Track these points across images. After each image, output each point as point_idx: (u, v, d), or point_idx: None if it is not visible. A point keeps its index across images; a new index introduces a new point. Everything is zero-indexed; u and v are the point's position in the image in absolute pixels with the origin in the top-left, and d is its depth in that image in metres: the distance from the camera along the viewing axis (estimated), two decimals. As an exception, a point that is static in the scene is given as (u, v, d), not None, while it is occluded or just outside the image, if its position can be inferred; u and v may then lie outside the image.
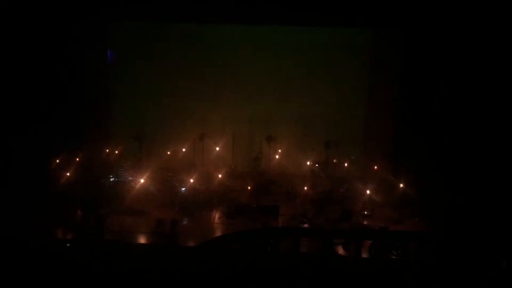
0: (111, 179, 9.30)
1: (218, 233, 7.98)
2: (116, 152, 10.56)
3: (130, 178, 9.33)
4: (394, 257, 6.91)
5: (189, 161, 10.74)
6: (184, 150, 10.97)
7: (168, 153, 10.91)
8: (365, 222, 8.42)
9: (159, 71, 11.46)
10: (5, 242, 6.91)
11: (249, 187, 9.33)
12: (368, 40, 11.11)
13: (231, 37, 11.41)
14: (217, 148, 11.07)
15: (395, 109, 10.44)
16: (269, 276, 6.28)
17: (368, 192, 8.99)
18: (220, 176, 9.70)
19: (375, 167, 10.15)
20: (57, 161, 9.55)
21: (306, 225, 8.28)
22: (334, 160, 10.58)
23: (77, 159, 9.83)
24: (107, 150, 10.61)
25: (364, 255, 7.04)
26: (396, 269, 6.58)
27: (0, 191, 8.52)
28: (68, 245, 7.12)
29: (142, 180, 8.96)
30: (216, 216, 8.62)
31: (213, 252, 6.56)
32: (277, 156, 10.96)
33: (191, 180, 9.10)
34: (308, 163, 10.49)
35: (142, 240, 7.45)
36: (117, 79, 11.65)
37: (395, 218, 8.58)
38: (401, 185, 8.97)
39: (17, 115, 9.50)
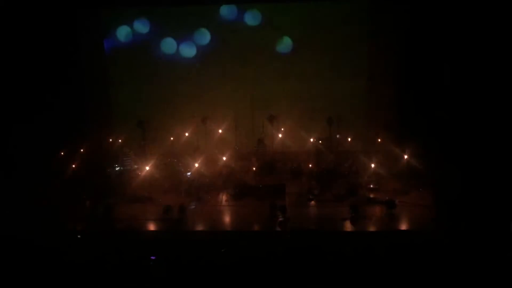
0: (116, 168, 9.33)
1: (226, 216, 8.05)
2: (120, 140, 10.58)
3: (136, 166, 9.36)
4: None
5: (193, 145, 10.75)
6: (187, 134, 10.98)
7: (171, 138, 10.92)
8: (371, 195, 8.45)
9: (156, 56, 11.45)
10: (14, 237, 7.02)
11: (254, 168, 9.35)
12: (364, 10, 10.99)
13: (228, 17, 11.34)
14: (220, 131, 11.06)
15: (396, 80, 10.36)
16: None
17: (373, 165, 8.99)
18: (224, 158, 9.72)
19: (379, 140, 10.13)
20: (62, 153, 9.57)
21: (312, 202, 8.33)
22: (337, 136, 10.57)
23: (82, 150, 9.86)
24: (111, 140, 10.63)
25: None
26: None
27: (5, 183, 8.61)
28: (78, 236, 7.17)
29: (147, 168, 9.00)
30: (223, 198, 8.66)
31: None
32: (280, 135, 10.95)
33: (196, 165, 9.12)
34: (311, 139, 10.48)
35: (151, 227, 7.50)
36: (116, 68, 11.63)
37: (401, 190, 8.61)
38: (405, 157, 8.96)
39: (19, 107, 9.56)
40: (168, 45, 11.54)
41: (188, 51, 11.56)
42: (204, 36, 11.46)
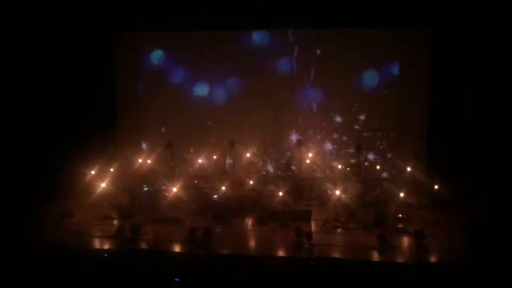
0: (144, 189, 9.43)
1: (251, 240, 8.00)
2: (149, 161, 10.72)
3: (163, 187, 9.43)
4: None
5: (221, 168, 10.79)
6: (215, 157, 11.04)
7: (200, 161, 11.00)
8: (400, 225, 8.28)
9: (187, 79, 11.63)
10: (45, 250, 7.14)
11: (280, 193, 9.30)
12: (397, 41, 10.88)
13: (259, 43, 11.42)
14: (248, 155, 11.08)
15: (429, 108, 10.27)
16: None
17: (402, 194, 8.83)
18: (251, 182, 9.71)
19: (408, 169, 9.96)
20: (92, 172, 9.76)
21: (339, 230, 8.21)
22: (366, 163, 10.47)
23: (111, 169, 10.02)
24: (140, 160, 10.78)
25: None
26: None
27: (39, 201, 8.86)
28: (105, 255, 7.24)
29: (174, 189, 9.06)
30: (249, 222, 8.63)
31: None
32: (307, 161, 10.91)
33: (223, 188, 9.14)
34: (339, 166, 10.40)
35: (176, 249, 7.51)
36: (147, 90, 11.84)
37: (431, 221, 8.42)
38: (436, 186, 8.78)
39: (52, 129, 9.89)
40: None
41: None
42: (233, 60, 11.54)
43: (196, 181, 10.19)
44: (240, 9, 9.66)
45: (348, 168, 10.06)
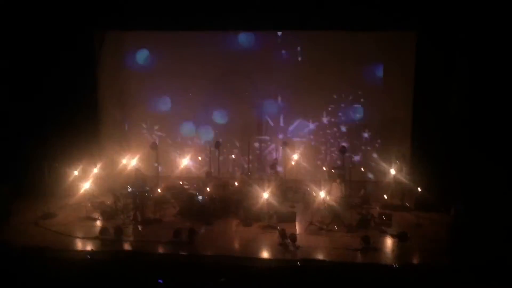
0: (128, 189, 9.34)
1: (235, 241, 7.98)
2: (133, 162, 10.61)
3: (147, 188, 9.36)
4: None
5: (205, 169, 10.75)
6: (200, 158, 11.00)
7: (183, 161, 10.94)
8: (383, 227, 8.34)
9: (172, 80, 11.55)
10: (25, 252, 7.03)
11: (265, 194, 9.30)
12: (381, 43, 10.96)
13: (245, 44, 11.38)
14: (233, 156, 11.06)
15: (412, 110, 10.34)
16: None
17: (385, 196, 8.89)
18: (236, 183, 9.69)
19: (392, 171, 10.03)
20: (75, 172, 9.64)
21: (323, 231, 8.23)
22: (350, 165, 10.52)
23: (95, 170, 9.91)
24: (124, 161, 10.68)
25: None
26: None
27: (21, 201, 8.74)
28: (88, 256, 7.15)
29: (159, 190, 9.00)
30: (234, 224, 8.61)
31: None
32: (293, 162, 10.93)
33: (208, 189, 9.11)
34: (324, 168, 10.43)
35: (160, 250, 7.46)
36: (132, 89, 11.73)
37: (415, 223, 8.50)
38: (419, 189, 8.87)
39: (33, 127, 9.77)
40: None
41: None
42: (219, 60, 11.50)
43: (181, 182, 10.14)
44: (226, 9, 9.62)
45: (332, 170, 10.10)
